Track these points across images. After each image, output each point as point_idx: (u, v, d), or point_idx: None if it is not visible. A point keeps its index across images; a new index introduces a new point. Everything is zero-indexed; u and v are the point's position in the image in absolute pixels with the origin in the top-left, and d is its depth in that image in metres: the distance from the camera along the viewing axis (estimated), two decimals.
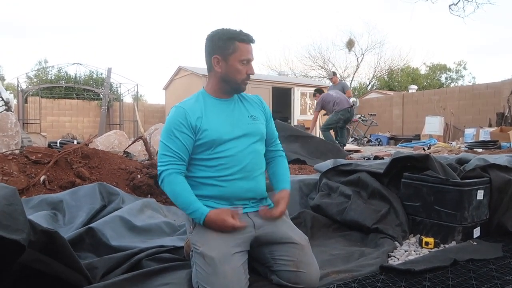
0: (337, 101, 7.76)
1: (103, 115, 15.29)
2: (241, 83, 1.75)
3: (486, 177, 2.53)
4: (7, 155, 3.12)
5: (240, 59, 1.70)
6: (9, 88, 18.00)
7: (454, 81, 28.33)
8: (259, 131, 1.79)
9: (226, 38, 1.71)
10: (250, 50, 1.73)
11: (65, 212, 2.48)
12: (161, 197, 3.11)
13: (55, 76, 18.19)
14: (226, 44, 1.71)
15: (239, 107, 1.81)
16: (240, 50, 1.70)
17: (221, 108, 1.76)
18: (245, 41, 1.72)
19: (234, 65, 1.71)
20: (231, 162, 1.68)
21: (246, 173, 1.70)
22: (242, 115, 1.79)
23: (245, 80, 1.75)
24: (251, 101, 1.88)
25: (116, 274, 1.72)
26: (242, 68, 1.72)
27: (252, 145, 1.74)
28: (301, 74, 25.42)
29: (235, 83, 1.74)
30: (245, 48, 1.71)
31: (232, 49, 1.70)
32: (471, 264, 2.00)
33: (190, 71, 13.78)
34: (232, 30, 1.73)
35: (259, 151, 1.79)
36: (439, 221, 2.39)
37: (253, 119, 1.80)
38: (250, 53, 1.73)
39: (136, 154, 5.85)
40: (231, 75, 1.73)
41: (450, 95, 13.58)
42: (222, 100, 1.79)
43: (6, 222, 1.21)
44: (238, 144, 1.71)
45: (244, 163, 1.70)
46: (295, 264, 1.59)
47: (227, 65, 1.72)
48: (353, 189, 2.74)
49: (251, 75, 1.76)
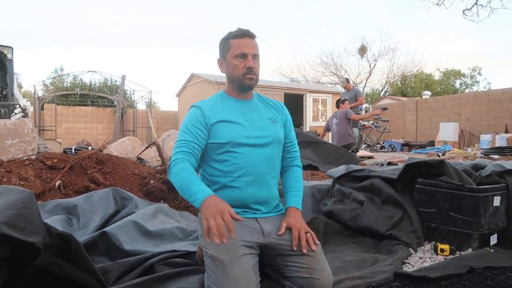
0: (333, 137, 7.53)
1: (117, 122, 15.50)
2: (242, 78, 1.72)
3: (503, 183, 2.48)
4: (24, 160, 3.18)
5: (234, 55, 1.70)
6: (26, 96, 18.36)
7: (469, 86, 27.98)
8: (276, 135, 1.77)
9: (224, 40, 1.75)
10: (243, 44, 1.70)
11: (79, 217, 2.50)
12: (174, 203, 3.13)
13: (70, 84, 18.52)
14: (223, 45, 1.75)
15: (258, 108, 1.80)
16: (233, 46, 1.71)
17: (240, 109, 1.76)
18: (238, 36, 1.71)
19: (231, 62, 1.72)
20: (245, 165, 1.67)
21: (259, 178, 1.69)
22: (261, 116, 1.78)
23: (245, 74, 1.71)
24: (272, 104, 1.87)
25: (129, 278, 1.73)
26: (238, 63, 1.70)
27: (267, 149, 1.72)
28: (313, 81, 25.41)
29: (236, 79, 1.73)
30: (237, 43, 1.70)
31: (227, 47, 1.73)
32: (488, 272, 1.95)
33: (202, 78, 13.89)
34: (231, 31, 1.74)
35: (274, 156, 1.77)
36: (454, 227, 2.35)
37: (272, 121, 1.78)
38: (244, 46, 1.70)
39: (150, 160, 5.91)
40: (231, 73, 1.74)
41: (464, 101, 13.39)
42: (241, 101, 1.78)
43: (23, 224, 1.23)
44: (254, 147, 1.69)
45: (257, 167, 1.68)
46: (308, 270, 1.58)
47: (227, 65, 1.75)
48: (366, 195, 2.71)
49: (252, 68, 1.70)
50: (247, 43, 1.71)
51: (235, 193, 1.67)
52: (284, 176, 1.88)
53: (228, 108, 1.75)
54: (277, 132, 1.78)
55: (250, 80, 1.72)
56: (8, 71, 7.67)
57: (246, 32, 1.72)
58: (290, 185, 1.84)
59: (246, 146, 1.69)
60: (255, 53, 1.72)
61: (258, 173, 1.69)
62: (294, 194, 1.80)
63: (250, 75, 1.71)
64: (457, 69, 28.07)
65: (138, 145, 6.98)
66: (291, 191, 1.82)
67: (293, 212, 1.73)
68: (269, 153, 1.73)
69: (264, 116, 1.78)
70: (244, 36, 1.71)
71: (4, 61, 7.62)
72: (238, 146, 1.68)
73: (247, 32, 1.72)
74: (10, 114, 7.17)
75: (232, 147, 1.68)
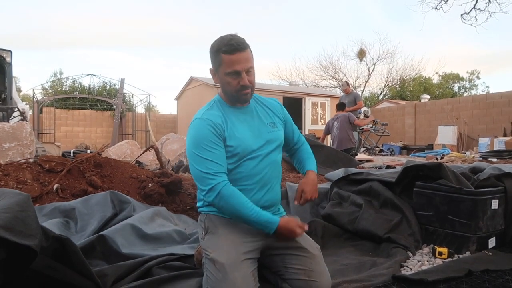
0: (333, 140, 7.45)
1: (116, 125, 15.49)
2: (237, 94, 1.65)
3: (501, 186, 2.48)
4: (22, 163, 3.17)
5: (225, 72, 1.61)
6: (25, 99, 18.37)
7: (468, 90, 28.06)
8: (278, 138, 1.77)
9: (214, 51, 1.63)
10: (235, 61, 1.58)
11: (77, 220, 2.50)
12: (172, 206, 3.12)
13: (69, 87, 18.52)
14: (214, 57, 1.64)
15: (258, 114, 1.77)
16: (225, 63, 1.60)
17: (241, 117, 1.71)
18: (228, 52, 1.58)
19: (223, 78, 1.64)
20: (250, 172, 1.66)
21: (263, 183, 1.69)
22: (262, 123, 1.75)
23: (240, 91, 1.63)
24: (269, 105, 1.84)
25: (126, 282, 1.72)
26: (231, 80, 1.62)
27: (271, 154, 1.72)
28: (312, 84, 25.43)
29: (231, 95, 1.67)
30: (229, 60, 1.59)
31: (218, 62, 1.62)
32: (486, 275, 1.95)
33: (201, 82, 13.91)
34: (220, 41, 1.62)
35: (277, 160, 1.77)
36: (452, 230, 2.35)
37: (272, 126, 1.77)
38: (237, 63, 1.59)
39: (148, 164, 5.90)
40: (225, 88, 1.67)
41: (463, 104, 13.42)
42: (240, 109, 1.73)
43: (19, 228, 1.23)
44: (259, 154, 1.68)
45: (262, 174, 1.68)
46: (307, 273, 1.58)
47: (220, 79, 1.67)
48: (364, 198, 2.71)
49: (248, 85, 1.62)
50: (239, 59, 1.59)
51: None
52: (297, 152, 1.95)
53: (231, 117, 1.69)
54: (279, 137, 1.78)
55: (245, 95, 1.66)
56: (7, 75, 7.68)
57: (236, 46, 1.58)
58: (304, 156, 1.93)
59: (254, 158, 1.67)
60: (249, 67, 1.62)
61: (263, 179, 1.69)
62: (309, 162, 1.90)
63: (244, 91, 1.64)
64: (456, 72, 28.22)
65: (137, 148, 6.97)
66: (307, 160, 1.91)
67: (310, 174, 1.83)
68: (274, 158, 1.74)
69: (264, 121, 1.76)
70: (235, 51, 1.58)
71: (3, 64, 7.63)
72: (245, 160, 1.66)
73: (238, 46, 1.58)
74: (8, 118, 7.17)
75: (240, 159, 1.65)
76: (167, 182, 3.22)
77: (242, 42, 1.61)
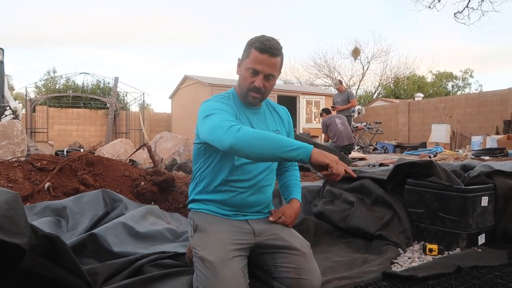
0: (338, 135, 7.47)
1: (110, 124, 15.42)
2: (246, 92, 1.65)
3: (490, 183, 2.50)
4: (13, 162, 3.14)
5: (247, 66, 1.63)
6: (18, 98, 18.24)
7: (461, 89, 28.24)
8: None
9: (249, 44, 1.65)
10: (260, 60, 1.59)
11: (68, 219, 2.48)
12: (164, 204, 3.12)
13: (63, 86, 18.41)
14: (247, 48, 1.66)
15: (266, 118, 1.77)
16: (251, 58, 1.61)
17: (249, 116, 1.71)
18: (258, 50, 1.59)
19: (243, 71, 1.66)
20: (246, 175, 1.66)
21: (257, 188, 1.70)
22: (268, 128, 1.75)
23: (250, 90, 1.64)
24: (279, 112, 1.85)
25: (117, 280, 1.72)
26: (248, 76, 1.63)
27: None
28: (307, 83, 25.47)
29: (242, 90, 1.68)
30: (255, 57, 1.60)
31: (246, 54, 1.65)
32: (475, 271, 1.97)
33: (196, 80, 13.87)
34: (258, 37, 1.63)
35: (273, 166, 1.78)
36: (443, 227, 2.37)
37: (276, 133, 1.77)
38: (260, 63, 1.60)
39: (142, 162, 5.88)
40: (241, 81, 1.69)
41: (456, 103, 13.51)
42: (251, 108, 1.73)
43: (8, 226, 1.22)
44: None
45: (257, 179, 1.69)
46: (297, 271, 1.58)
47: (241, 70, 1.69)
48: (356, 195, 2.73)
49: (259, 88, 1.62)
50: (265, 61, 1.59)
51: (231, 198, 1.67)
52: (284, 175, 1.93)
53: (241, 113, 1.69)
54: None
55: (253, 98, 1.66)
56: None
57: (268, 48, 1.59)
58: (292, 182, 1.89)
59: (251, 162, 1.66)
60: (270, 73, 1.62)
61: (257, 185, 1.70)
62: (296, 189, 1.86)
63: (254, 93, 1.64)
64: (449, 71, 28.39)
65: (131, 147, 6.95)
66: (293, 187, 1.87)
67: (296, 203, 1.81)
68: (269, 163, 1.74)
69: (270, 127, 1.77)
70: (264, 52, 1.59)
71: None
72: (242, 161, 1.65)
73: (270, 48, 1.59)
74: (0, 116, 7.11)
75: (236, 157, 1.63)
76: (159, 180, 3.22)
77: (276, 47, 1.62)
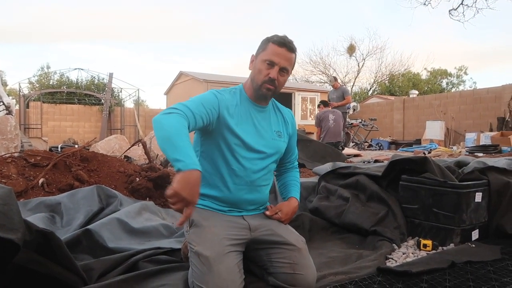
0: (327, 132, 7.54)
1: (105, 120, 15.35)
2: (261, 85, 1.66)
3: (484, 179, 2.52)
4: (6, 157, 3.12)
5: (263, 58, 1.65)
6: (12, 94, 18.08)
7: (455, 86, 28.37)
8: (278, 149, 1.78)
9: (266, 40, 1.68)
10: (278, 53, 1.63)
11: (63, 215, 2.47)
12: (159, 200, 3.11)
13: (57, 82, 18.27)
14: (263, 44, 1.69)
15: (270, 118, 1.78)
16: (268, 50, 1.65)
17: (254, 113, 1.71)
18: (277, 43, 1.64)
19: (258, 64, 1.67)
20: (243, 172, 1.66)
21: (253, 187, 1.70)
22: (270, 127, 1.75)
23: (265, 82, 1.65)
24: (284, 114, 1.86)
25: (112, 276, 1.71)
26: (263, 68, 1.64)
27: (267, 161, 1.72)
28: (302, 79, 25.48)
29: (256, 83, 1.68)
30: (273, 50, 1.64)
31: (263, 48, 1.67)
32: (469, 266, 1.99)
33: (191, 76, 13.84)
34: (275, 35, 1.67)
35: (271, 167, 1.78)
36: (437, 223, 2.38)
37: (278, 135, 1.77)
38: (277, 55, 1.63)
39: (137, 159, 5.87)
40: (254, 75, 1.69)
41: (450, 100, 13.58)
42: (257, 106, 1.73)
43: (1, 221, 1.21)
44: (255, 156, 1.68)
45: (254, 178, 1.69)
46: (292, 266, 1.59)
47: (254, 64, 1.70)
48: (351, 192, 2.74)
49: (274, 79, 1.64)
50: (282, 54, 1.64)
51: (227, 195, 1.67)
52: (284, 176, 1.94)
53: (243, 109, 1.69)
54: (279, 147, 1.78)
55: (267, 90, 1.67)
56: None
57: (287, 43, 1.65)
58: (291, 182, 1.91)
59: (247, 151, 1.67)
60: (285, 67, 1.66)
61: (254, 184, 1.70)
62: (294, 189, 1.89)
63: (269, 85, 1.65)
64: (444, 68, 28.46)
65: (126, 143, 6.93)
66: (292, 187, 1.89)
67: (293, 201, 1.83)
68: (267, 163, 1.74)
69: (272, 127, 1.77)
70: (282, 45, 1.64)
71: None
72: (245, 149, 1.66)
73: (288, 43, 1.65)
74: None
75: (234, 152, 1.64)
76: (154, 176, 3.21)
77: (293, 44, 1.68)
